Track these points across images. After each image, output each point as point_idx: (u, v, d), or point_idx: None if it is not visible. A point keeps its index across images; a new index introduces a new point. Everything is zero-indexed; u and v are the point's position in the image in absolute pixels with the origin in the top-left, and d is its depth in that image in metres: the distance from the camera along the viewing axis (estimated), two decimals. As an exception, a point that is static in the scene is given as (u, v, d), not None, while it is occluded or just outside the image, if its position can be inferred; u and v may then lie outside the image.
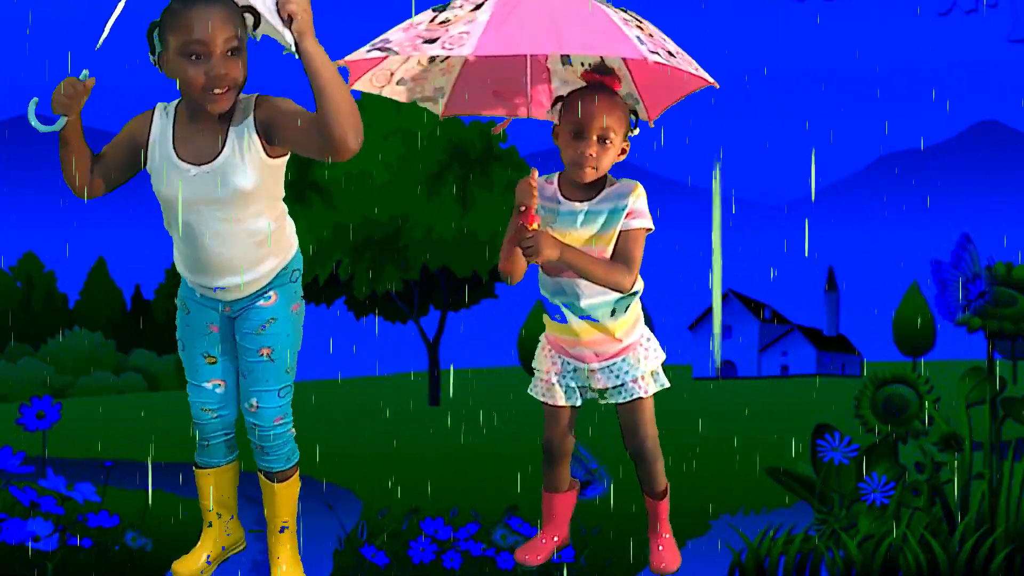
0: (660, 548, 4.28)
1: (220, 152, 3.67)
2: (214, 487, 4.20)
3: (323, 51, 3.46)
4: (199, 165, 3.68)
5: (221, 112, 3.62)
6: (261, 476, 4.14)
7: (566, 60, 4.01)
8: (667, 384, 4.12)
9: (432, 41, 3.56)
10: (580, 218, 3.90)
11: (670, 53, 3.75)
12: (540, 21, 3.61)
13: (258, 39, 3.68)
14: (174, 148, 3.71)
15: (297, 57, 3.47)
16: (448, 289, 20.51)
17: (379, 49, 3.66)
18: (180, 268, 3.97)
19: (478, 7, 3.68)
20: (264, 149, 3.67)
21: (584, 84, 3.91)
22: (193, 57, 3.53)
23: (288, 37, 3.42)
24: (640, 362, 4.06)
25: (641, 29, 3.76)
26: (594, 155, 3.83)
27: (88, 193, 3.82)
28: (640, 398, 4.06)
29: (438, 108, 4.16)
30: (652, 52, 3.63)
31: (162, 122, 3.75)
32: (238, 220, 3.74)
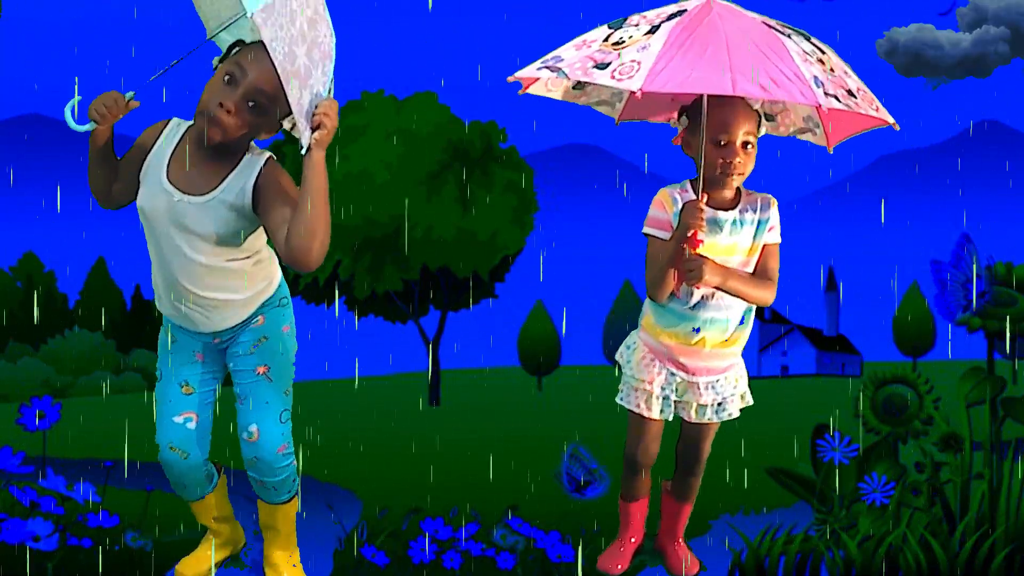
0: (679, 550, 4.32)
1: (213, 190, 3.66)
2: (205, 510, 4.16)
3: (324, 167, 3.51)
4: (187, 194, 3.66)
5: (211, 142, 3.62)
6: (261, 501, 4.11)
7: None
8: (751, 402, 4.13)
9: (603, 67, 3.55)
10: (727, 227, 3.89)
11: (849, 92, 3.71)
12: (714, 55, 3.56)
13: (280, 129, 3.74)
14: (167, 168, 3.70)
15: (303, 153, 3.51)
16: (448, 289, 20.50)
17: (549, 68, 3.63)
18: (162, 302, 3.89)
19: (653, 30, 3.62)
20: (251, 206, 3.68)
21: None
22: (227, 78, 3.58)
23: (305, 139, 3.47)
24: (739, 381, 4.08)
25: (823, 63, 3.71)
26: (741, 162, 3.83)
27: (110, 202, 3.81)
28: (731, 417, 4.08)
29: (615, 112, 4.10)
30: (828, 95, 3.60)
31: (168, 138, 3.77)
32: (209, 257, 3.71)
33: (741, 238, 3.91)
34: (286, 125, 3.73)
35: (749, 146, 3.86)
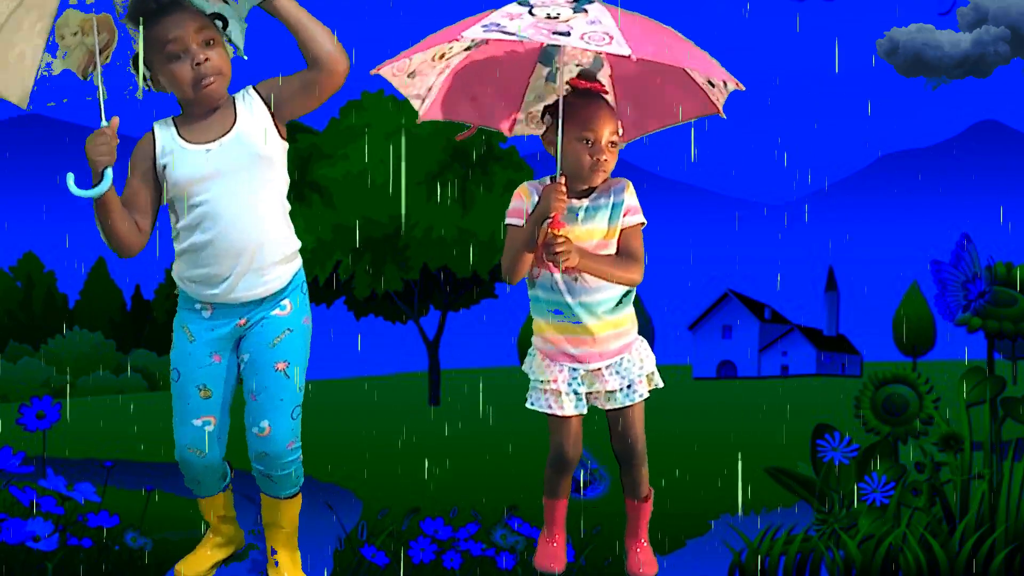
0: (639, 552, 4.31)
1: (234, 124, 3.78)
2: (213, 507, 4.17)
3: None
4: (215, 141, 3.77)
5: (217, 101, 3.76)
6: (265, 495, 4.11)
7: (550, 77, 4.07)
8: (661, 384, 4.17)
9: (564, 34, 3.63)
10: (580, 215, 3.97)
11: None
12: (654, 34, 3.78)
13: (240, 47, 3.82)
14: (183, 139, 3.79)
15: (269, 7, 3.70)
16: (448, 289, 20.51)
17: (501, 31, 3.67)
18: (189, 277, 3.87)
19: (579, 10, 3.73)
20: (274, 120, 3.80)
21: (569, 93, 3.97)
22: (176, 58, 3.71)
23: None
24: (643, 361, 4.11)
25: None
26: (608, 160, 3.94)
27: (136, 245, 3.82)
28: (643, 398, 4.10)
29: (423, 109, 4.19)
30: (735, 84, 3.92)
31: (163, 132, 3.83)
32: (262, 187, 3.78)
33: (596, 223, 4.00)
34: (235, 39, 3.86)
35: (613, 144, 3.97)
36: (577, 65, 4.04)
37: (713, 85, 3.99)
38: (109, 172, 3.67)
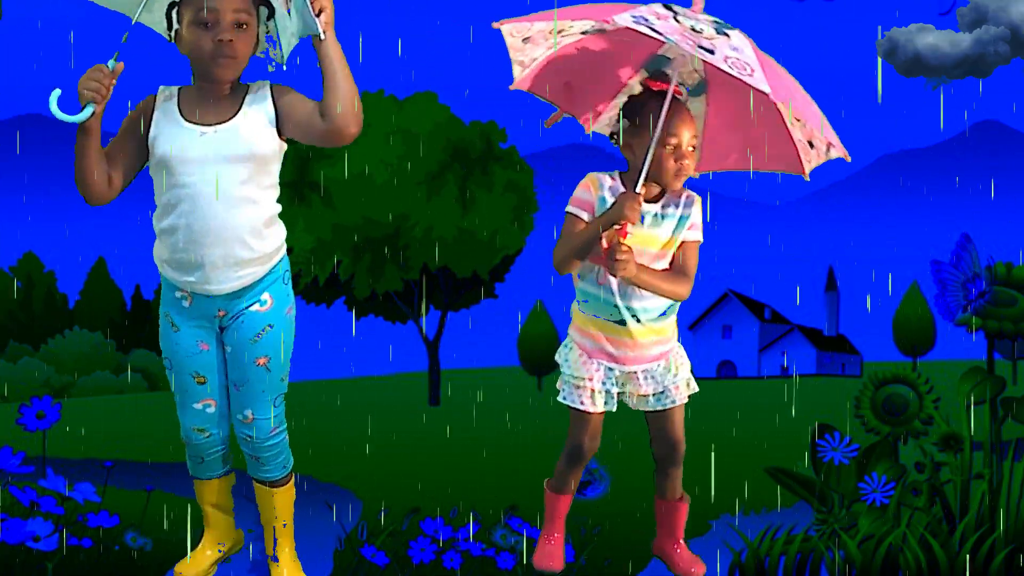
0: (680, 552, 4.33)
1: (236, 114, 3.77)
2: (210, 493, 4.18)
3: (339, 45, 3.75)
4: (212, 126, 3.76)
5: (225, 83, 3.77)
6: (256, 483, 4.13)
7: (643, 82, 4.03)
8: (697, 389, 4.19)
9: (709, 51, 3.59)
10: (648, 219, 3.96)
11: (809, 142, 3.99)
12: (783, 79, 3.80)
13: (283, 61, 3.86)
14: (181, 115, 3.78)
15: (317, 45, 3.72)
16: (448, 289, 20.51)
17: (650, 28, 3.61)
18: (166, 260, 3.85)
19: (721, 32, 3.70)
20: (276, 120, 3.79)
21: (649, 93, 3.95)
22: (204, 25, 3.72)
23: (318, 24, 3.71)
24: (679, 368, 4.13)
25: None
26: (689, 164, 3.94)
27: (103, 196, 3.81)
28: (677, 404, 4.12)
29: (518, 75, 4.11)
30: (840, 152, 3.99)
31: (165, 98, 3.83)
32: (248, 183, 3.77)
33: (661, 231, 3.99)
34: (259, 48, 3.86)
35: (694, 148, 3.96)
36: (681, 84, 4.00)
37: (812, 147, 3.97)
38: (91, 107, 3.65)
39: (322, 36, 3.69)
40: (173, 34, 3.80)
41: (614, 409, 4.15)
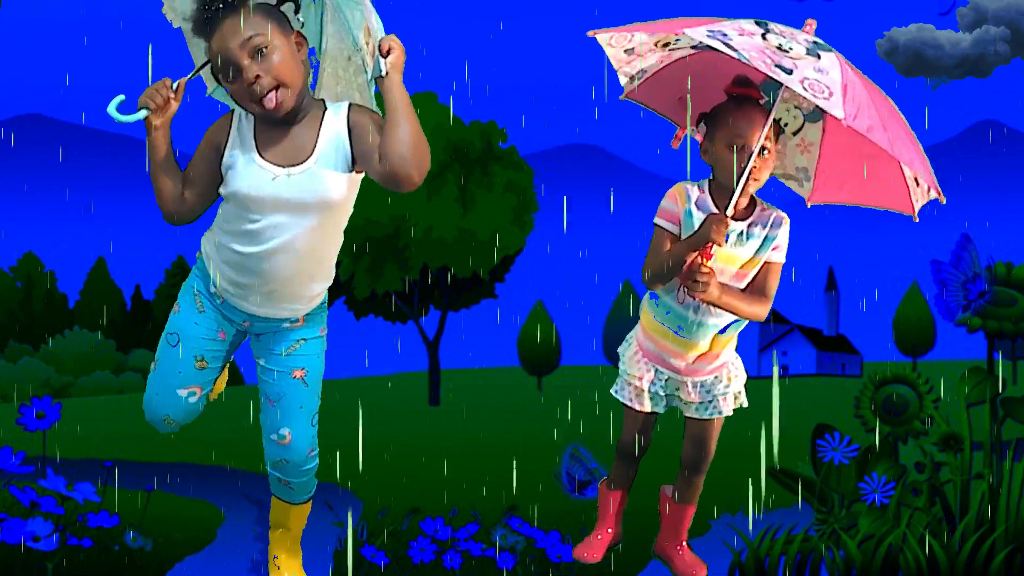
0: (683, 554, 4.34)
1: (310, 155, 3.54)
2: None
3: (404, 89, 3.46)
4: (285, 168, 3.54)
5: (287, 113, 3.52)
6: (275, 497, 4.08)
7: (766, 105, 3.88)
8: (746, 404, 4.17)
9: (786, 71, 3.49)
10: (732, 237, 3.88)
11: (916, 182, 3.89)
12: (873, 107, 3.64)
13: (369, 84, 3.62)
14: (257, 150, 3.56)
15: (380, 85, 3.48)
16: (448, 289, 20.50)
17: (722, 42, 3.50)
18: (218, 266, 3.68)
19: (812, 53, 3.60)
20: (352, 159, 3.55)
21: (729, 98, 3.86)
22: (228, 77, 3.49)
23: (382, 65, 3.46)
24: (731, 381, 4.11)
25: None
26: (756, 167, 3.82)
27: (180, 217, 3.64)
28: (720, 416, 4.12)
29: (629, 87, 4.06)
30: (920, 199, 3.85)
31: (241, 124, 3.61)
32: (320, 228, 3.58)
33: (744, 250, 3.92)
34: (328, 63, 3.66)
35: (766, 152, 3.83)
36: (796, 107, 3.94)
37: (918, 184, 3.89)
38: (144, 112, 3.50)
39: (383, 73, 3.44)
40: (224, 89, 3.59)
41: (662, 411, 4.14)
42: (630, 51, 3.90)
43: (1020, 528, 5.22)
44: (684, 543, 4.37)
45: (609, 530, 4.33)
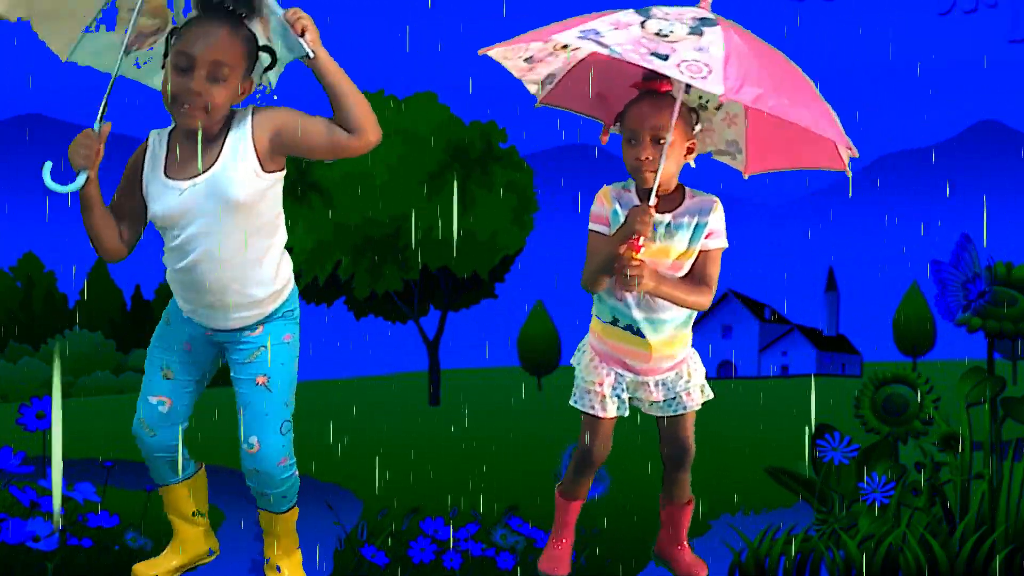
0: (683, 554, 4.32)
1: (215, 162, 3.64)
2: (170, 501, 4.15)
3: (333, 59, 3.61)
4: (190, 179, 3.65)
5: (191, 128, 3.62)
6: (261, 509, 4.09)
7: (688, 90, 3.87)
8: (711, 396, 4.15)
9: (662, 57, 3.44)
10: (661, 230, 3.87)
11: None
12: (769, 73, 3.55)
13: (271, 84, 3.76)
14: (165, 170, 3.70)
15: (311, 65, 3.60)
16: (448, 289, 20.49)
17: (594, 41, 3.50)
18: (172, 286, 3.87)
19: (695, 32, 3.54)
20: (259, 161, 3.65)
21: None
22: (177, 70, 3.60)
23: (304, 48, 3.57)
24: (691, 376, 4.09)
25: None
26: (650, 158, 3.80)
27: (118, 253, 3.80)
28: (688, 410, 4.10)
29: (541, 94, 4.08)
30: (848, 150, 3.69)
31: (155, 147, 3.75)
32: (236, 232, 3.67)
33: (676, 242, 3.89)
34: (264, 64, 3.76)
35: (661, 141, 3.80)
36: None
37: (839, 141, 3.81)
38: (84, 174, 3.62)
39: (311, 55, 3.57)
40: (164, 62, 3.70)
41: (626, 414, 4.13)
42: (529, 59, 3.92)
43: (1020, 528, 5.22)
44: (685, 543, 4.36)
45: (565, 540, 4.30)
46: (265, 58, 3.70)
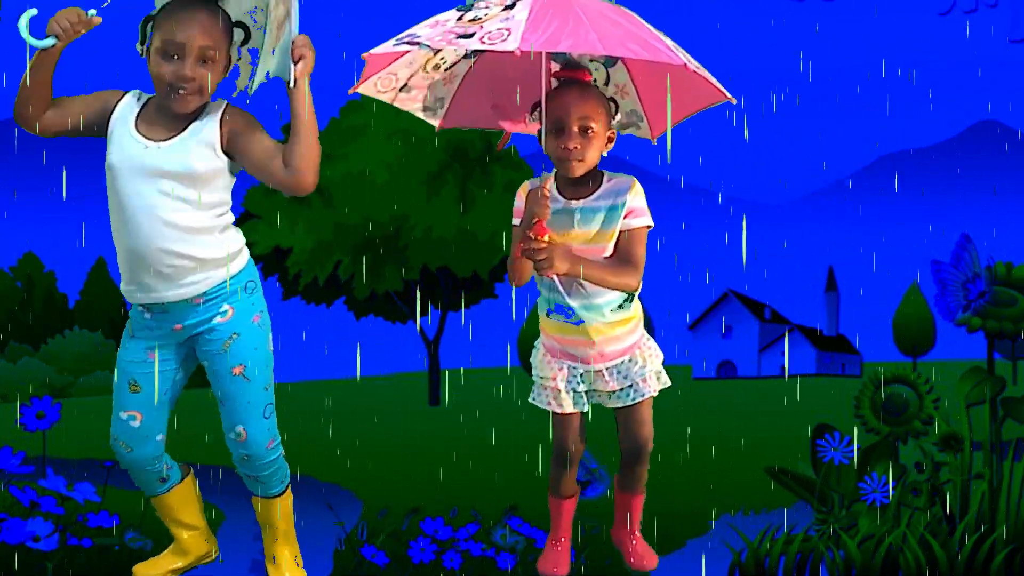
0: (636, 544, 4.30)
1: (181, 132, 3.76)
2: (162, 510, 4.15)
3: (310, 96, 3.72)
4: (156, 141, 3.76)
5: (185, 111, 3.76)
6: (256, 497, 4.10)
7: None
8: (669, 383, 4.12)
9: (467, 36, 3.53)
10: (576, 216, 3.88)
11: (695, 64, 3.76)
12: (579, 22, 3.58)
13: (251, 90, 3.83)
14: (135, 125, 3.80)
15: (289, 92, 3.70)
16: (448, 289, 20.50)
17: (407, 43, 3.62)
18: (122, 274, 3.87)
19: (509, 7, 3.62)
20: (220, 144, 3.77)
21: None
22: (168, 57, 3.72)
23: (291, 72, 3.68)
24: (647, 362, 4.07)
25: (666, 41, 3.76)
26: (578, 147, 3.82)
27: (39, 125, 3.82)
28: (645, 397, 4.07)
29: (436, 120, 4.15)
30: (686, 61, 3.64)
31: (131, 102, 3.85)
32: (182, 199, 3.75)
33: (591, 226, 3.88)
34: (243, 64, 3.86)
35: (589, 131, 3.81)
36: (591, 61, 3.95)
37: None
38: (52, 39, 3.68)
39: (291, 83, 3.68)
40: (144, 48, 3.81)
41: (585, 408, 4.10)
42: (406, 88, 3.98)
43: (1020, 528, 5.22)
44: (637, 533, 4.33)
45: (564, 539, 4.30)
46: (239, 33, 3.81)
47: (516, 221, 3.96)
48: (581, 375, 4.05)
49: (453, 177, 19.80)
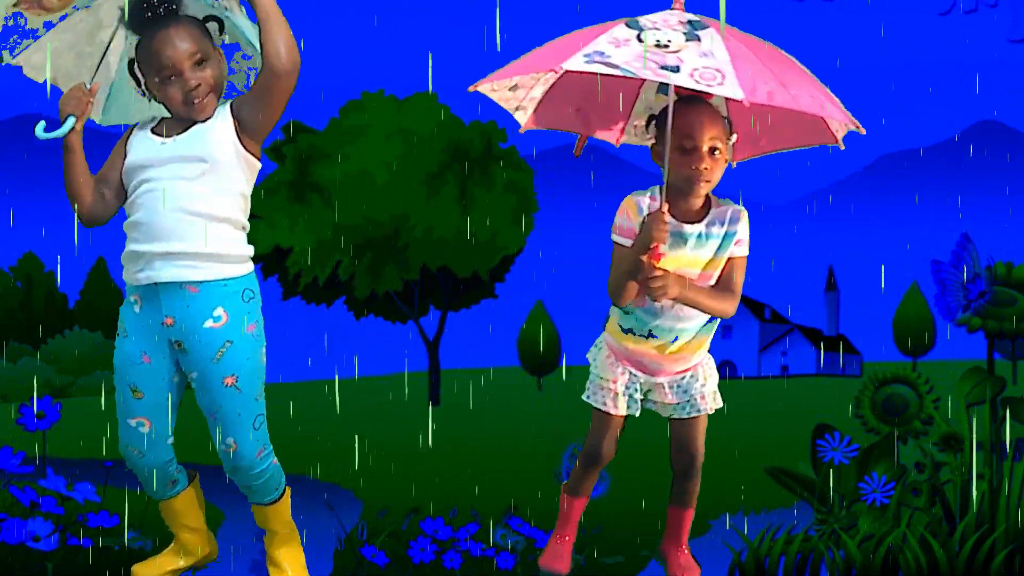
0: (680, 557, 4.31)
1: (194, 125, 3.85)
2: (169, 514, 4.15)
3: None
4: (172, 136, 3.85)
5: (207, 116, 3.85)
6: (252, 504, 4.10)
7: (661, 88, 3.89)
8: (721, 404, 4.14)
9: (672, 69, 3.41)
10: (692, 241, 3.85)
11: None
12: (765, 67, 3.54)
13: (228, 41, 3.95)
14: (151, 132, 3.90)
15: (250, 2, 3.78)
16: (448, 289, 20.49)
17: (602, 63, 3.45)
18: (124, 258, 3.93)
19: (690, 36, 3.52)
20: (236, 132, 3.83)
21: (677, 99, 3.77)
22: (168, 82, 3.82)
23: None
24: (707, 380, 4.08)
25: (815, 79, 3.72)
26: (708, 168, 3.78)
27: (96, 212, 3.93)
28: (701, 414, 4.08)
29: (524, 118, 4.09)
30: (832, 109, 3.62)
31: (142, 125, 3.95)
32: (203, 186, 3.80)
33: (705, 251, 3.87)
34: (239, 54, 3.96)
35: (717, 152, 3.79)
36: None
37: (831, 114, 3.75)
38: (71, 119, 3.81)
39: None
40: (144, 87, 3.90)
41: (637, 414, 4.11)
42: (515, 88, 3.94)
43: (1020, 528, 5.23)
44: (685, 548, 4.34)
45: (568, 537, 4.30)
46: (213, 26, 3.89)
47: (618, 239, 3.89)
48: (641, 383, 4.06)
49: (453, 177, 19.79)
